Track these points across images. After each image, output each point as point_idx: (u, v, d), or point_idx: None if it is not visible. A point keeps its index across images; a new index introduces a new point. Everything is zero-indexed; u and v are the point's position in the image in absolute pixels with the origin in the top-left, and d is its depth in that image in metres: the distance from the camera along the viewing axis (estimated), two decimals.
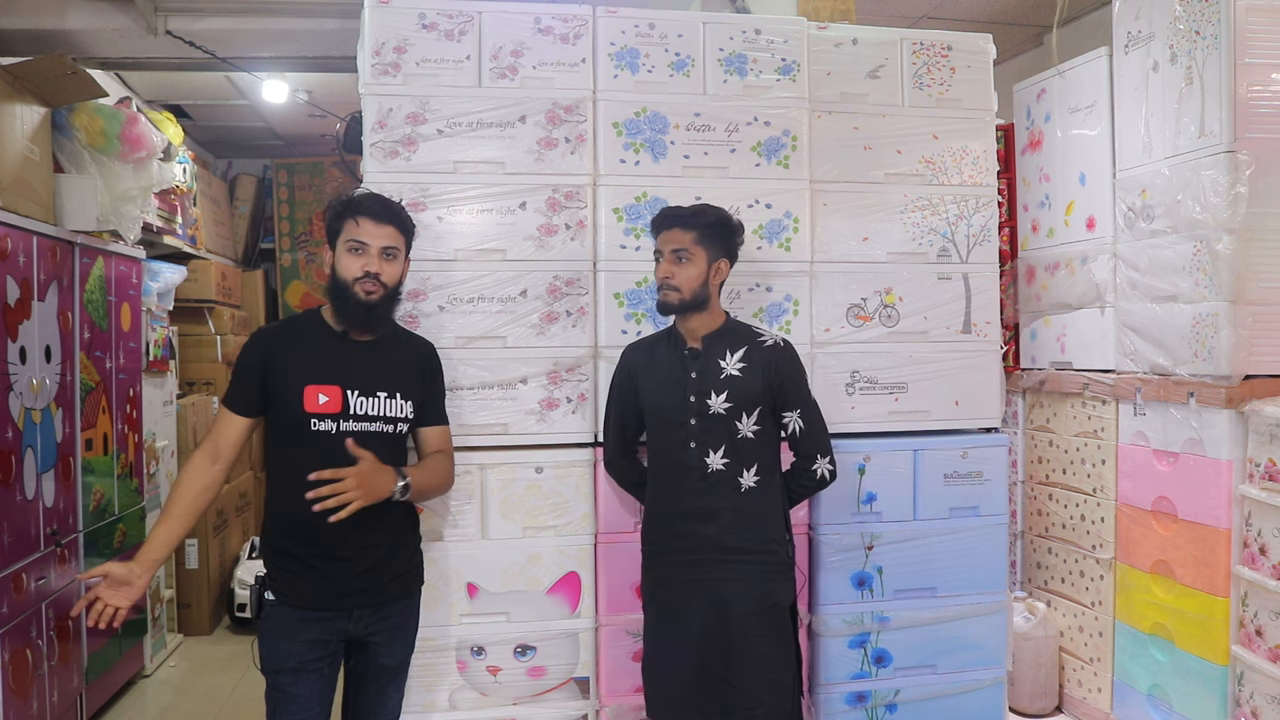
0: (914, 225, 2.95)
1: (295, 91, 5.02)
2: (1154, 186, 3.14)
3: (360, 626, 2.24)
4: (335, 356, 2.23)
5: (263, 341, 2.26)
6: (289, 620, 2.19)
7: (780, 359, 2.37)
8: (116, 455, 3.86)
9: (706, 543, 2.34)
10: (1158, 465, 3.19)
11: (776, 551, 2.38)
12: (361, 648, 2.29)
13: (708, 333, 2.39)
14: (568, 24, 2.73)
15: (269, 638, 2.21)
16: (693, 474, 2.35)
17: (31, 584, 3.12)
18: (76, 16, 3.82)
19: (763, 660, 2.33)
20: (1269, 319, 2.89)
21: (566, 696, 2.71)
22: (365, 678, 2.32)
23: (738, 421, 2.33)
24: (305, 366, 2.20)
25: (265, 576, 2.24)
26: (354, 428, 2.20)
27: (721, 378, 2.34)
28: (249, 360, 2.23)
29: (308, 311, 2.34)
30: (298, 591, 2.19)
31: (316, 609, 2.19)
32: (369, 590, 2.24)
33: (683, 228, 2.35)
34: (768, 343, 2.39)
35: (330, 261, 2.25)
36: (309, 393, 2.17)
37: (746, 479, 2.35)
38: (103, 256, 3.74)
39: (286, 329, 2.36)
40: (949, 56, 2.97)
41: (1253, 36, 2.86)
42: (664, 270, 2.36)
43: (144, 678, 4.16)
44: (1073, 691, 3.63)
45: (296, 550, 2.19)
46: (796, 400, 2.39)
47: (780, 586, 2.38)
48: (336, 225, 2.23)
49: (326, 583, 2.19)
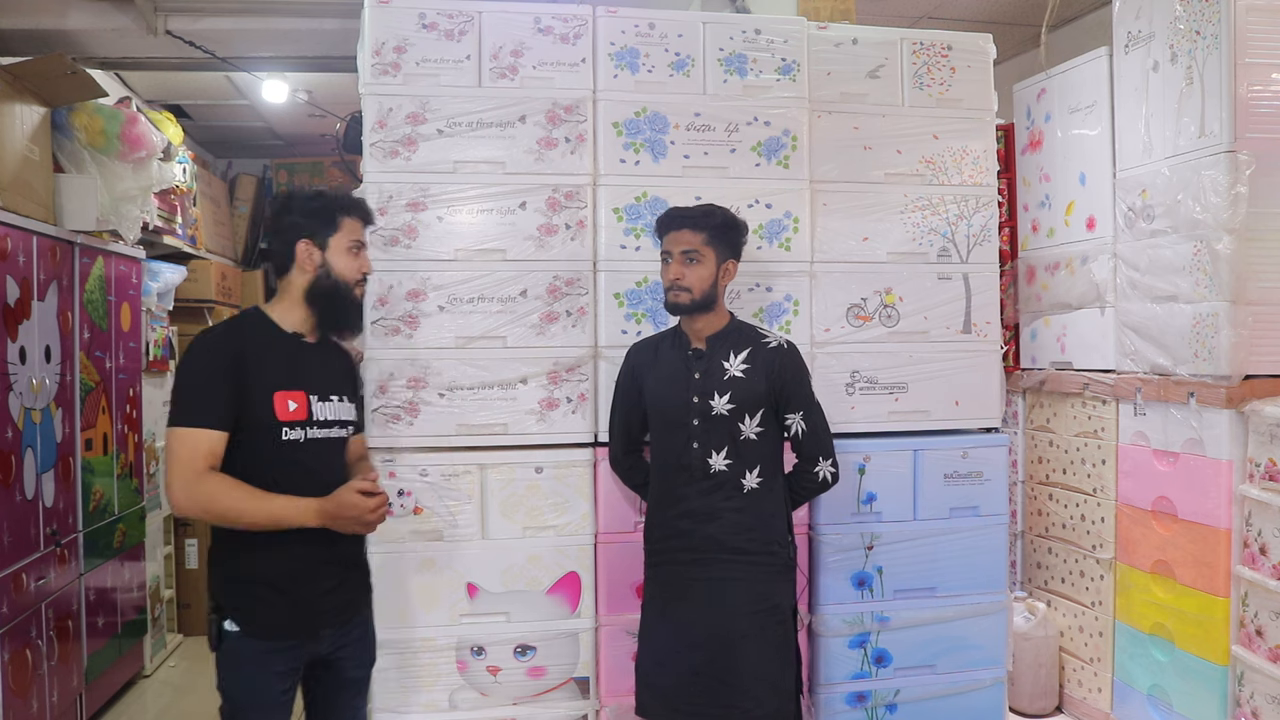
0: (914, 225, 2.95)
1: (295, 91, 5.02)
2: (1154, 186, 3.14)
3: (326, 646, 2.14)
4: (293, 360, 2.11)
5: (223, 345, 2.05)
6: (257, 652, 2.03)
7: (784, 360, 2.36)
8: (116, 455, 3.86)
9: (708, 542, 2.34)
10: (1158, 465, 3.19)
11: (778, 553, 2.37)
12: (327, 666, 2.17)
13: (712, 333, 2.39)
14: (568, 24, 2.73)
15: (235, 671, 2.05)
16: (695, 474, 2.34)
17: (31, 584, 3.12)
18: (76, 16, 3.82)
19: (762, 662, 2.32)
20: (1269, 319, 2.88)
21: (566, 696, 2.71)
22: (332, 694, 2.22)
23: (740, 423, 2.33)
24: (270, 372, 2.05)
25: (222, 604, 2.05)
26: (317, 434, 2.11)
27: (724, 379, 2.33)
28: (214, 367, 2.01)
29: (247, 313, 2.17)
30: (267, 621, 2.04)
31: (287, 638, 2.06)
32: (336, 608, 2.15)
33: (693, 229, 2.34)
34: (771, 344, 2.38)
35: (318, 260, 2.11)
36: (279, 399, 2.04)
37: (749, 480, 2.34)
38: (103, 256, 3.74)
39: (239, 331, 2.11)
40: (949, 56, 2.97)
41: (1253, 36, 2.86)
42: (675, 271, 2.34)
43: (144, 678, 4.16)
44: (1073, 691, 3.63)
45: (263, 573, 2.04)
46: (799, 402, 2.37)
47: (781, 588, 2.38)
48: (330, 221, 2.12)
49: (296, 608, 2.06)
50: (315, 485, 2.06)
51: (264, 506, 2.00)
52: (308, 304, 2.13)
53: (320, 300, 2.13)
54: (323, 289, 2.12)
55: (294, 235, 2.11)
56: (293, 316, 2.13)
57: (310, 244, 2.11)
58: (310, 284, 2.12)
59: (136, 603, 4.05)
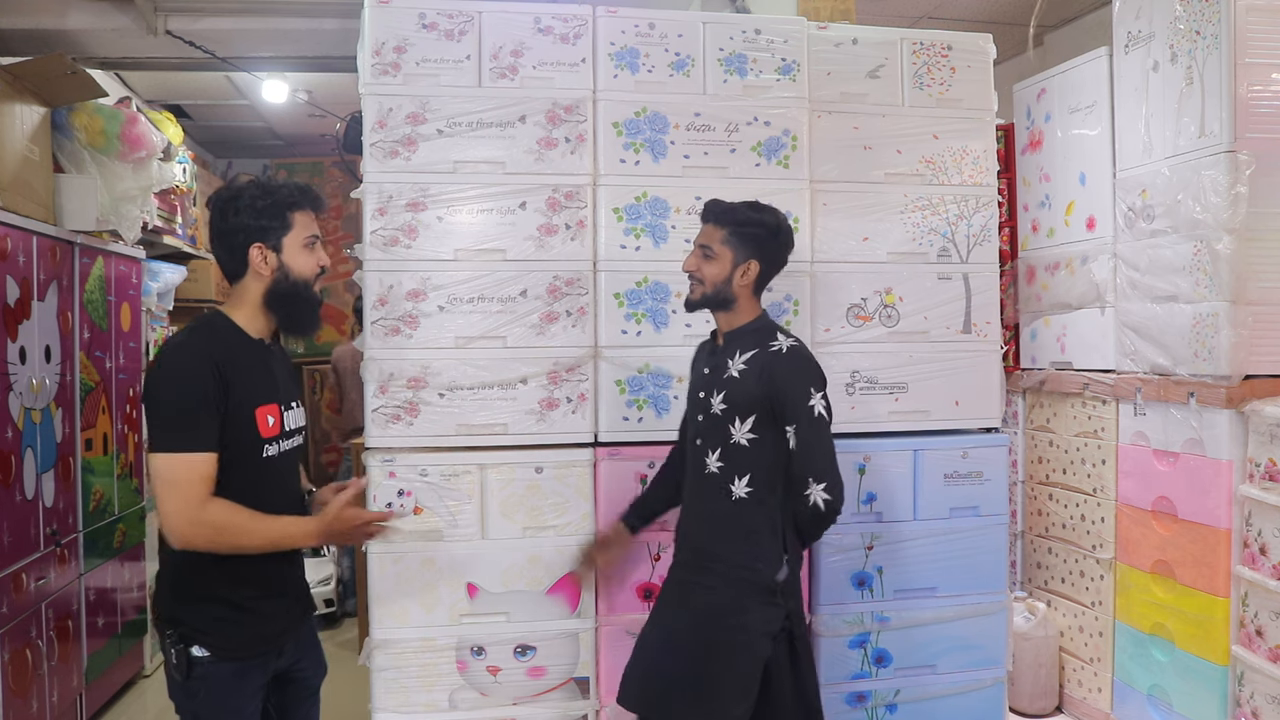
0: (914, 225, 2.94)
1: (295, 91, 5.02)
2: (1154, 186, 3.14)
3: (287, 659, 2.10)
4: (264, 369, 2.01)
5: (204, 359, 1.89)
6: (231, 675, 1.95)
7: (777, 364, 2.18)
8: (116, 455, 3.86)
9: (691, 541, 2.31)
10: (1158, 465, 3.19)
11: (759, 571, 2.19)
12: (288, 679, 2.12)
13: (730, 330, 2.32)
14: (568, 24, 2.73)
15: (212, 699, 1.94)
16: (697, 471, 2.30)
17: (31, 584, 3.12)
18: (76, 16, 3.83)
19: (706, 680, 2.16)
20: (1269, 319, 2.88)
21: (566, 696, 2.71)
22: (292, 706, 2.17)
23: (731, 425, 2.21)
24: (248, 386, 1.94)
25: (185, 631, 1.93)
26: (286, 446, 2.04)
27: (724, 377, 2.26)
28: (200, 385, 1.87)
29: (214, 319, 2.02)
30: (236, 641, 1.96)
31: (257, 656, 1.99)
32: (294, 619, 2.11)
33: (716, 224, 2.28)
34: (773, 347, 2.21)
35: (274, 264, 1.98)
36: (260, 415, 1.95)
37: (738, 488, 2.20)
38: (102, 256, 3.74)
39: (213, 342, 1.96)
40: (949, 56, 2.97)
41: (1253, 36, 2.86)
42: (689, 263, 2.30)
43: (144, 678, 4.16)
44: (1073, 691, 3.63)
45: (230, 595, 1.95)
46: (794, 413, 2.15)
47: (754, 610, 2.18)
48: (281, 220, 1.97)
49: (265, 623, 2.01)
50: (286, 497, 2.04)
51: (267, 531, 1.93)
52: (267, 308, 2.01)
53: (280, 304, 2.01)
54: (282, 292, 2.00)
55: (245, 240, 1.96)
56: (256, 323, 2.02)
57: (264, 248, 1.97)
58: (268, 289, 2.00)
59: (136, 603, 4.05)
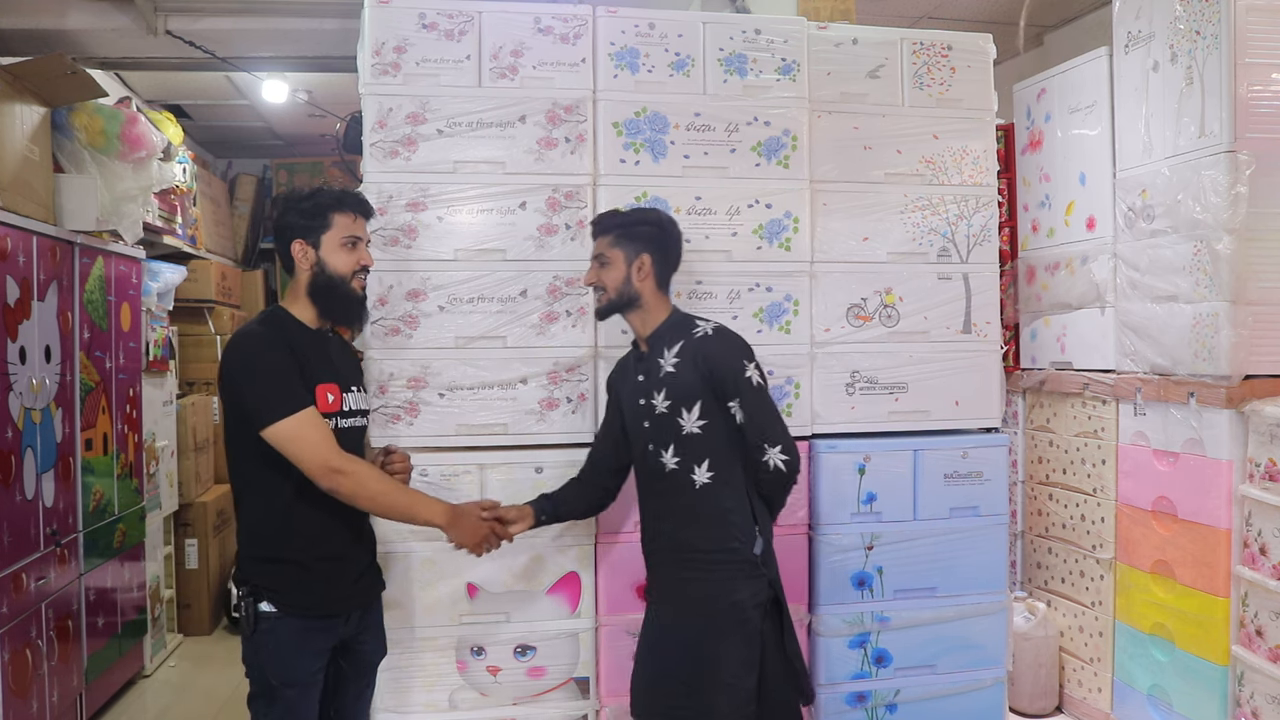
0: (914, 225, 2.94)
1: (295, 91, 5.02)
2: (1154, 186, 3.14)
3: (351, 628, 2.24)
4: (324, 353, 2.23)
5: (277, 341, 2.14)
6: (295, 630, 2.12)
7: (708, 347, 2.26)
8: (116, 455, 3.86)
9: (668, 541, 2.33)
10: (1158, 465, 3.19)
11: (738, 549, 2.27)
12: (348, 650, 2.26)
13: (650, 332, 2.36)
14: (568, 24, 2.73)
15: (276, 651, 2.12)
16: (655, 475, 2.33)
17: (31, 584, 3.12)
18: (76, 16, 3.82)
19: (715, 661, 2.23)
20: (1269, 319, 2.88)
21: (566, 696, 2.71)
22: (350, 679, 2.30)
23: (679, 418, 2.27)
24: (310, 365, 2.16)
25: (255, 587, 2.13)
26: (346, 424, 2.21)
27: (660, 376, 2.29)
28: (283, 357, 2.11)
29: (274, 312, 2.24)
30: (304, 600, 2.14)
31: (321, 616, 2.16)
32: (362, 590, 2.26)
33: (601, 233, 2.38)
34: (698, 333, 2.29)
35: (313, 258, 2.19)
36: (320, 392, 2.16)
37: (700, 475, 2.27)
38: (102, 256, 3.74)
39: (279, 327, 2.20)
40: (949, 56, 2.97)
41: (1253, 36, 2.86)
42: (588, 277, 2.39)
43: (144, 678, 4.16)
44: (1073, 691, 3.63)
45: (298, 556, 2.14)
46: (734, 388, 2.24)
47: (741, 585, 2.27)
48: (322, 219, 2.18)
49: (330, 587, 2.17)
50: None
51: (404, 495, 2.20)
52: (310, 300, 2.22)
53: (320, 295, 2.21)
54: (320, 285, 2.20)
55: (290, 236, 2.20)
56: (308, 313, 2.23)
57: (304, 244, 2.20)
58: (309, 281, 2.21)
59: (136, 603, 4.05)
